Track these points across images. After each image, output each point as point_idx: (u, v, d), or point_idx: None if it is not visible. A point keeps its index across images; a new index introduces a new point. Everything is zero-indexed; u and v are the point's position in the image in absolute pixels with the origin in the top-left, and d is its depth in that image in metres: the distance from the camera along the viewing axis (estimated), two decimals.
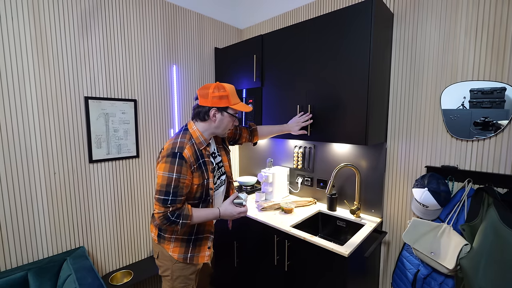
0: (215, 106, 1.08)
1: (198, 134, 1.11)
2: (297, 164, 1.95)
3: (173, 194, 1.00)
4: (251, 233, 1.63)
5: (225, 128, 1.14)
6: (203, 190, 1.11)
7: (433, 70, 1.36)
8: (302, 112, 1.56)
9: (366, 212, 1.63)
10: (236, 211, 1.12)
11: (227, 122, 1.13)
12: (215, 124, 1.11)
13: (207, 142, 1.14)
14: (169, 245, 1.13)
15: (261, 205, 1.70)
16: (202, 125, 1.12)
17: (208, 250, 1.17)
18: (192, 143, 1.09)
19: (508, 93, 1.15)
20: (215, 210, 1.11)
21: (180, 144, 1.05)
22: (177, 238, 1.13)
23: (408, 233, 1.35)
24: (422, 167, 1.42)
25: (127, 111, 1.70)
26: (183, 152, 1.03)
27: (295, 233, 1.38)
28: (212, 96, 1.08)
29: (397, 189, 1.52)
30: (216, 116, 1.10)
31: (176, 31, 1.96)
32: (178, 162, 1.00)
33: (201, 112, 1.11)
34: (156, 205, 1.01)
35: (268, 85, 1.78)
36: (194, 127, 1.12)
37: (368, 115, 1.30)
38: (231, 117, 1.13)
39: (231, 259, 1.79)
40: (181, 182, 1.01)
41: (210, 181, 1.12)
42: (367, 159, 1.60)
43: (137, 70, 1.75)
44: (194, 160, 1.06)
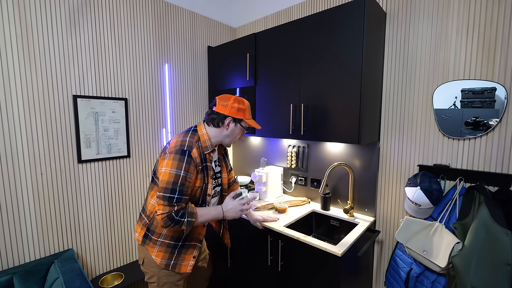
0: (232, 116, 1.11)
1: (206, 138, 1.11)
2: (291, 163, 1.94)
3: (179, 192, 0.98)
4: (244, 233, 1.61)
5: (234, 138, 1.17)
6: (201, 194, 1.10)
7: (425, 69, 1.36)
8: (274, 216, 1.55)
9: (360, 211, 1.63)
10: (239, 207, 1.12)
11: (237, 133, 1.16)
12: (227, 133, 1.13)
13: (213, 148, 1.14)
14: (153, 248, 1.10)
15: (255, 205, 1.69)
16: (214, 130, 1.13)
17: (193, 260, 1.13)
18: (199, 145, 1.09)
19: (498, 93, 1.16)
20: (218, 207, 1.10)
21: (189, 143, 1.05)
22: (163, 243, 1.10)
23: (401, 232, 1.36)
24: (415, 166, 1.43)
25: (117, 110, 1.66)
26: (192, 151, 1.03)
27: (289, 233, 1.37)
28: (232, 107, 1.11)
29: (390, 188, 1.53)
30: (230, 126, 1.13)
31: (168, 29, 1.93)
32: (187, 160, 1.00)
33: (216, 118, 1.12)
34: (160, 204, 0.99)
35: (261, 84, 1.77)
36: (204, 130, 1.13)
37: (361, 114, 1.30)
38: (242, 130, 1.17)
39: (224, 260, 1.77)
40: (188, 180, 1.01)
41: (209, 186, 1.11)
42: (360, 158, 1.60)
43: (128, 68, 1.71)
44: (199, 162, 1.06)
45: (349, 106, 1.34)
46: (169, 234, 1.09)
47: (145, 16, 1.79)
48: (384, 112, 1.52)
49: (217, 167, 1.24)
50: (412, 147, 1.43)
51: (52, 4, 1.40)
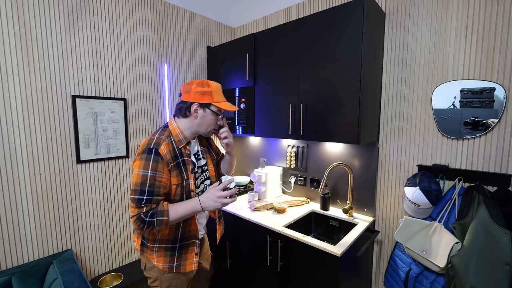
0: (197, 102, 1.05)
1: (178, 132, 1.07)
2: (290, 163, 1.94)
3: (148, 193, 0.95)
4: (243, 233, 1.61)
5: (208, 126, 1.09)
6: (183, 192, 1.05)
7: (424, 69, 1.36)
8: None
9: (359, 211, 1.63)
10: (216, 194, 0.98)
11: (209, 120, 1.08)
12: (198, 121, 1.07)
13: (187, 140, 1.09)
14: (152, 254, 1.08)
15: (254, 205, 1.68)
16: (184, 122, 1.08)
17: (196, 257, 1.11)
18: (171, 140, 1.04)
19: (497, 93, 1.16)
20: (195, 199, 1.02)
21: (157, 140, 1.00)
22: (160, 248, 1.07)
23: (400, 232, 1.36)
24: (414, 166, 1.43)
25: (116, 110, 1.66)
26: (159, 149, 0.98)
27: (288, 233, 1.37)
28: (195, 92, 1.04)
29: (389, 188, 1.53)
30: (198, 113, 1.06)
31: (168, 29, 1.93)
32: (153, 159, 0.96)
33: (182, 108, 1.07)
34: (131, 207, 0.96)
35: (261, 84, 1.77)
36: (174, 124, 1.08)
37: (361, 114, 1.30)
38: (214, 115, 1.08)
39: (223, 260, 1.77)
40: (157, 180, 0.96)
41: (191, 182, 1.06)
42: (359, 159, 1.60)
43: (127, 68, 1.71)
44: (171, 158, 1.01)
45: (348, 106, 1.34)
46: (164, 238, 1.06)
47: (144, 16, 1.78)
48: (383, 112, 1.52)
49: (201, 159, 1.19)
50: (411, 147, 1.43)
51: (51, 4, 1.39)
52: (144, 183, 0.95)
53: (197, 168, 1.14)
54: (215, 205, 1.01)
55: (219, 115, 1.11)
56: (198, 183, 1.14)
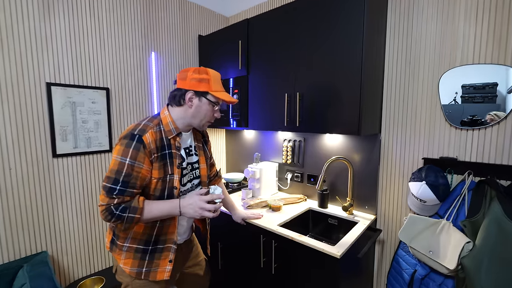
0: (193, 89, 0.94)
1: (169, 121, 0.96)
2: (286, 158, 1.83)
3: (122, 184, 0.84)
4: (236, 233, 1.49)
5: (203, 117, 0.99)
6: (164, 188, 0.94)
7: (430, 55, 1.26)
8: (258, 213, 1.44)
9: (359, 208, 1.52)
10: (200, 204, 0.90)
11: (205, 110, 0.97)
12: (192, 111, 0.97)
13: (178, 131, 0.98)
14: (120, 255, 0.95)
15: (247, 203, 1.57)
16: (177, 111, 0.98)
17: (170, 264, 0.98)
18: (160, 129, 0.94)
19: (500, 88, 1.10)
20: (174, 201, 0.93)
21: (143, 126, 0.90)
22: (129, 248, 0.95)
23: (404, 230, 1.25)
24: (419, 159, 1.32)
25: (97, 100, 1.54)
26: (143, 136, 0.87)
27: (283, 233, 1.25)
28: (191, 78, 0.94)
29: (392, 184, 1.42)
30: (193, 101, 0.95)
31: (156, 15, 1.80)
32: (134, 146, 0.85)
33: (177, 95, 0.96)
34: (101, 194, 0.85)
35: (254, 73, 1.65)
36: (166, 112, 0.98)
37: (362, 103, 1.19)
38: (210, 105, 0.98)
39: (215, 261, 1.65)
40: (135, 170, 0.85)
41: (175, 178, 0.95)
42: (360, 152, 1.49)
43: (110, 55, 1.58)
44: (156, 148, 0.90)
45: (348, 94, 1.23)
46: (136, 238, 0.95)
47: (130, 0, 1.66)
48: (385, 101, 1.41)
49: (193, 156, 1.08)
50: (416, 138, 1.32)
51: None
52: (120, 172, 0.84)
53: (186, 164, 1.03)
54: (194, 215, 0.92)
55: (216, 106, 0.99)
56: (185, 181, 1.03)
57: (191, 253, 1.18)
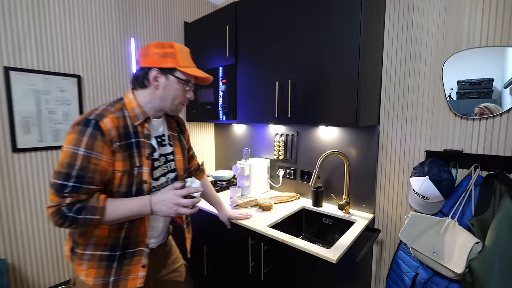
0: (157, 66, 0.81)
1: (135, 105, 0.83)
2: (278, 154, 1.71)
3: (76, 179, 0.69)
4: (223, 235, 1.36)
5: (174, 99, 0.85)
6: (131, 183, 0.80)
7: (433, 38, 1.15)
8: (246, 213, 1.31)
9: (357, 207, 1.41)
10: (174, 200, 0.77)
11: (175, 90, 0.84)
12: (160, 93, 0.83)
13: (146, 116, 0.84)
14: (81, 265, 0.80)
15: (235, 202, 1.44)
16: (143, 94, 0.84)
17: (143, 270, 0.84)
18: (124, 115, 0.80)
19: (496, 84, 1.04)
20: (144, 198, 0.79)
21: (102, 111, 0.76)
22: (92, 256, 0.80)
23: (406, 230, 1.14)
24: (421, 153, 1.22)
25: (67, 88, 1.37)
26: (101, 121, 0.73)
27: (272, 235, 1.13)
28: (154, 53, 0.80)
29: (392, 180, 1.31)
30: (159, 81, 0.82)
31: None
32: (90, 133, 0.71)
33: (139, 76, 0.83)
34: (50, 193, 0.70)
35: (243, 61, 1.52)
36: (131, 95, 0.84)
37: (360, 92, 1.08)
38: (181, 84, 0.84)
39: (200, 266, 1.51)
40: (92, 162, 0.71)
41: (144, 170, 0.81)
42: (357, 146, 1.38)
43: (82, 38, 1.42)
44: (117, 136, 0.76)
45: (344, 82, 1.11)
46: (101, 243, 0.80)
47: None
48: (384, 90, 1.30)
49: (166, 146, 0.94)
50: (417, 130, 1.22)
51: None
52: (72, 164, 0.70)
53: (159, 155, 0.89)
54: (168, 212, 0.79)
55: (187, 84, 0.86)
56: (158, 174, 0.89)
57: (167, 258, 1.04)
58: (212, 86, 1.70)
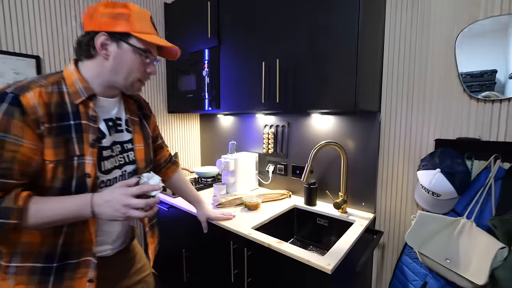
0: (105, 30, 0.63)
1: (76, 78, 0.65)
2: (267, 148, 1.54)
3: None
4: (203, 238, 1.18)
5: (129, 73, 0.68)
6: (69, 177, 0.62)
7: (443, 7, 0.99)
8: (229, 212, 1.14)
9: (355, 206, 1.24)
10: (123, 200, 0.60)
11: (130, 62, 0.67)
12: (110, 64, 0.66)
13: (91, 93, 0.67)
14: (5, 281, 0.63)
15: (218, 200, 1.26)
16: (90, 66, 0.67)
17: (90, 285, 0.67)
18: (60, 90, 0.63)
19: (499, 76, 0.91)
20: (83, 197, 0.62)
21: (26, 84, 0.59)
22: (21, 269, 0.63)
23: (413, 232, 0.98)
24: (430, 142, 1.05)
25: (23, 71, 1.19)
26: (22, 96, 0.56)
27: (257, 238, 0.95)
28: (102, 14, 0.63)
29: (396, 174, 1.14)
30: (109, 49, 0.65)
31: None
32: (5, 110, 0.54)
33: (83, 42, 0.66)
34: None
35: (227, 42, 1.35)
36: (71, 67, 0.67)
37: (358, 72, 0.92)
38: (138, 54, 0.67)
39: (179, 273, 1.34)
40: (8, 149, 0.55)
41: (87, 161, 0.65)
42: (355, 137, 1.21)
43: (42, 15, 1.24)
44: (47, 115, 0.59)
45: (341, 61, 0.95)
46: (32, 251, 0.63)
47: None
48: (386, 71, 1.13)
49: (123, 132, 0.77)
50: (425, 116, 1.05)
51: None
52: None
53: (111, 143, 0.72)
54: (114, 216, 0.61)
55: (146, 55, 0.69)
56: (109, 166, 0.71)
57: (130, 268, 0.87)
58: (193, 73, 1.52)
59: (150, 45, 0.69)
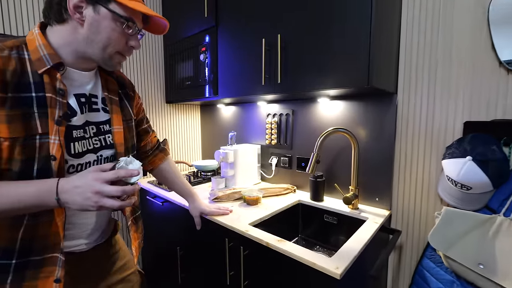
0: None
1: (40, 43, 0.55)
2: (270, 138, 1.41)
3: None
4: (198, 235, 1.07)
5: (106, 44, 0.58)
6: (29, 158, 0.53)
7: None
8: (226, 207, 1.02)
9: (367, 201, 1.10)
10: (95, 186, 0.50)
11: (108, 31, 0.57)
12: (85, 31, 0.56)
13: (57, 62, 0.56)
14: None
15: (215, 194, 1.15)
16: (59, 31, 0.57)
17: (58, 286, 0.57)
18: (20, 56, 0.54)
19: None
20: (47, 182, 0.52)
21: None
22: None
23: (438, 232, 0.84)
24: (457, 125, 0.90)
25: None
26: None
27: (254, 236, 0.84)
28: None
29: (415, 164, 1.00)
30: (84, 13, 0.55)
31: None
32: None
33: (53, 1, 0.56)
34: None
35: (224, 21, 1.23)
36: (36, 30, 0.57)
37: (372, 40, 0.78)
38: (119, 23, 0.57)
39: (174, 272, 1.24)
40: None
41: (52, 141, 0.54)
42: (368, 123, 1.07)
43: None
44: (1, 83, 0.50)
45: (352, 30, 0.82)
46: None
47: None
48: (404, 45, 0.99)
49: (99, 112, 0.67)
50: (451, 95, 0.90)
51: None
52: None
53: (83, 123, 0.63)
54: (84, 205, 0.52)
55: (128, 25, 0.59)
56: (80, 149, 0.62)
57: (112, 265, 0.77)
58: (191, 58, 1.42)
59: (134, 13, 0.59)
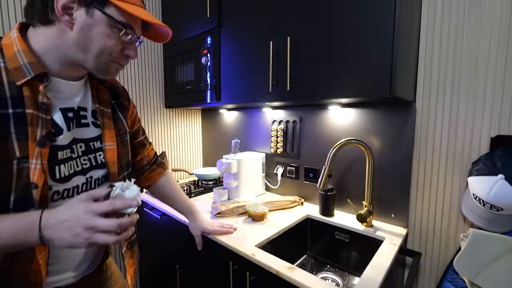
0: None
1: (19, 49, 0.47)
2: (276, 147, 1.34)
3: None
4: (200, 253, 0.99)
5: (101, 51, 0.50)
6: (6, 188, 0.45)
7: None
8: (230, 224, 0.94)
9: (382, 217, 1.02)
10: (85, 222, 0.42)
11: (102, 37, 0.49)
12: (75, 35, 0.48)
13: (40, 72, 0.47)
14: None
15: (217, 208, 1.07)
16: (44, 34, 0.49)
17: None
18: None
19: None
20: (27, 217, 0.44)
21: None
22: None
23: (465, 257, 0.76)
24: (483, 139, 0.82)
25: None
26: None
27: (262, 262, 0.76)
28: None
29: (435, 180, 0.92)
30: (75, 16, 0.47)
31: None
32: None
33: (36, 1, 0.48)
34: None
35: (228, 22, 1.16)
36: (15, 33, 0.49)
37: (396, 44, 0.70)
38: (114, 28, 0.49)
39: None
40: None
41: (33, 166, 0.46)
42: (382, 133, 1.00)
43: None
44: None
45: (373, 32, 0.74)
46: None
47: None
48: (424, 49, 0.91)
49: (89, 127, 0.59)
50: (478, 105, 0.82)
51: None
52: None
53: (70, 141, 0.54)
54: (74, 242, 0.43)
55: (126, 31, 0.51)
56: (67, 172, 0.53)
57: None
58: (192, 60, 1.34)
59: (133, 19, 0.51)
